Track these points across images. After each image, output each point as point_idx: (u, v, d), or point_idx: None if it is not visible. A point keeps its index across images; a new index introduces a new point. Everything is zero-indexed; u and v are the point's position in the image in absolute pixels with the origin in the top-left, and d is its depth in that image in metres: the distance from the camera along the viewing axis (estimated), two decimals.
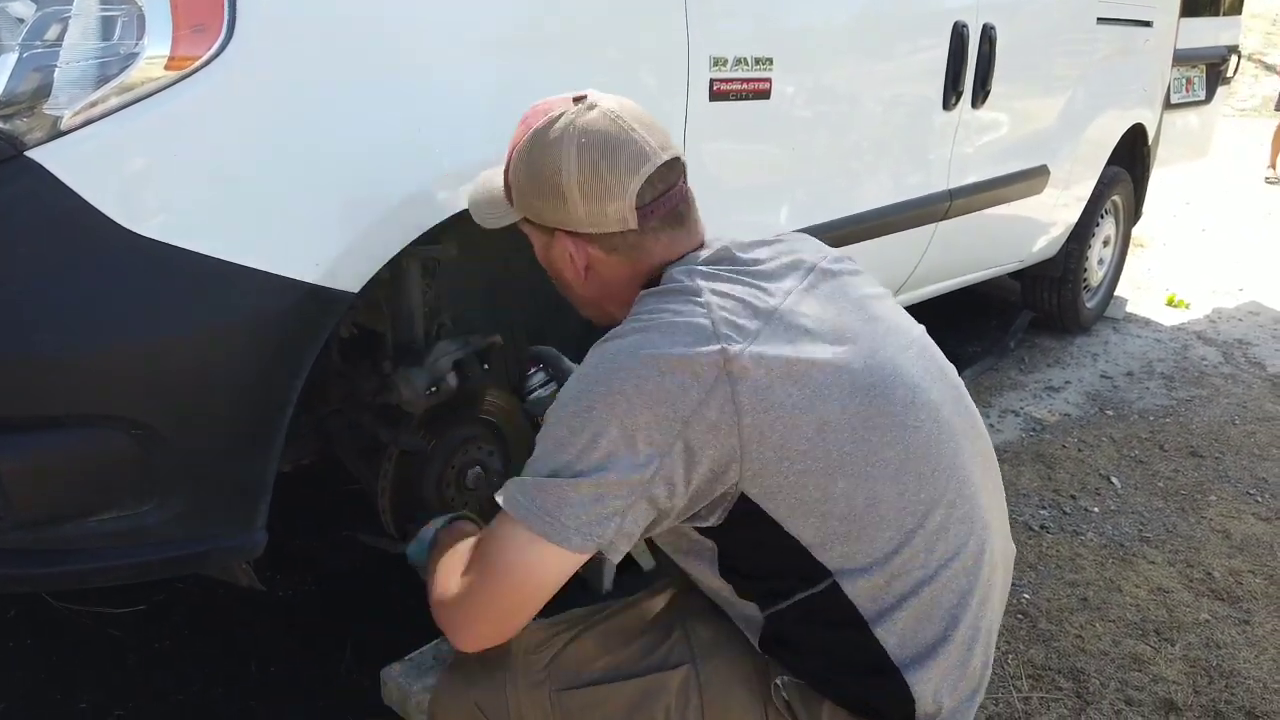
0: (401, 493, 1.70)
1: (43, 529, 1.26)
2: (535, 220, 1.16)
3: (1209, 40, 4.36)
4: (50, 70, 1.16)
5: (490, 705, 1.15)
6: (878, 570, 1.03)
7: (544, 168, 1.10)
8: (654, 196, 1.10)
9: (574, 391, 1.02)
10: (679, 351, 0.99)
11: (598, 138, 1.09)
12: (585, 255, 1.15)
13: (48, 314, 1.17)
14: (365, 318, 1.78)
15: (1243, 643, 2.09)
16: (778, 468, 1.00)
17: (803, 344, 1.04)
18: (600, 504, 0.98)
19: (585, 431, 0.99)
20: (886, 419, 1.05)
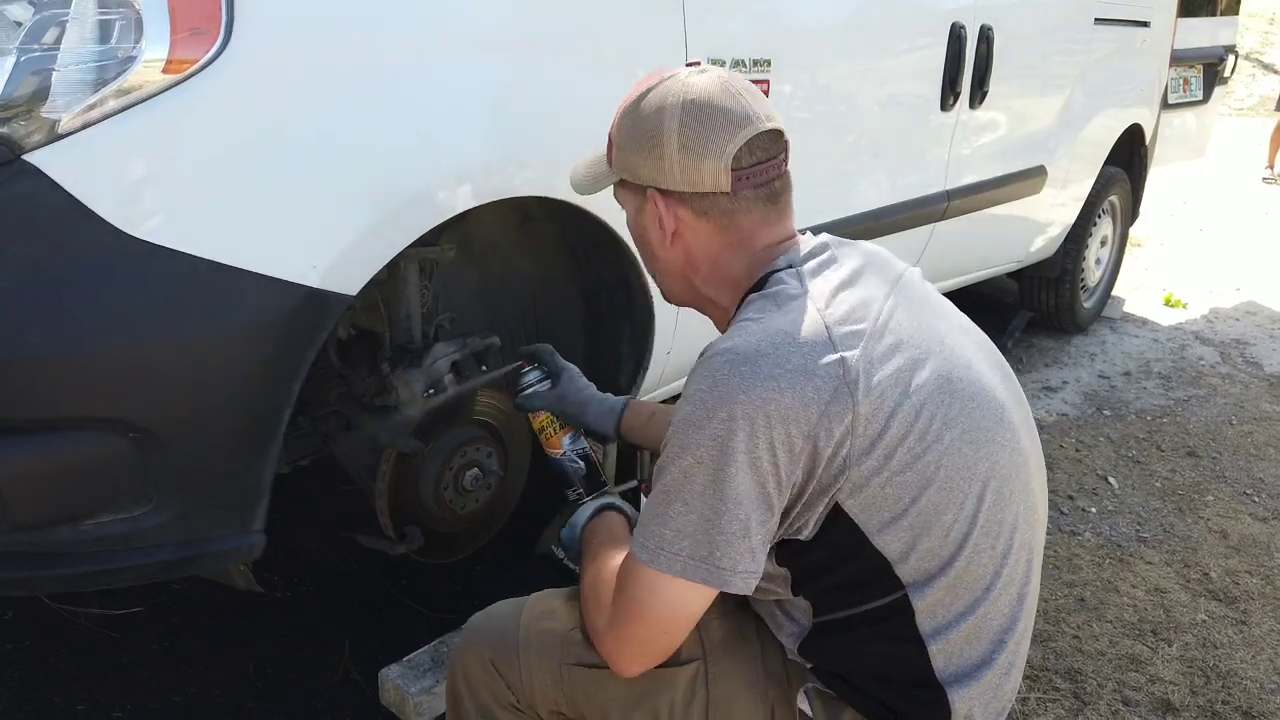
0: (399, 494, 1.70)
1: (40, 532, 1.26)
2: (631, 178, 1.14)
3: (1206, 40, 4.36)
4: (48, 73, 1.16)
5: (504, 664, 1.16)
6: (945, 584, 1.02)
7: (647, 120, 1.10)
8: (751, 163, 1.09)
9: (694, 415, 0.97)
10: (798, 363, 0.96)
11: (704, 96, 1.08)
12: (674, 218, 1.12)
13: (45, 317, 1.17)
14: (363, 319, 1.78)
15: (1240, 643, 2.10)
16: (879, 479, 0.99)
17: (907, 350, 1.02)
18: (746, 538, 0.97)
19: (713, 461, 0.96)
20: (979, 433, 1.04)
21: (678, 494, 0.98)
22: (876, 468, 0.98)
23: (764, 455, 0.95)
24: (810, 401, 0.95)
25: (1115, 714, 1.86)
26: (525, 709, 1.17)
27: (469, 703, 1.19)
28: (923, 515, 1.01)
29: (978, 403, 1.05)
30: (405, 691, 1.64)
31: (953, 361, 1.06)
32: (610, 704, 1.13)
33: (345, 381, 1.76)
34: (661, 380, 2.03)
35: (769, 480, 0.96)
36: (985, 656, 1.06)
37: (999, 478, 1.05)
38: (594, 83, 1.66)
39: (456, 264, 1.81)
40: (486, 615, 1.23)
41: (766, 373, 0.96)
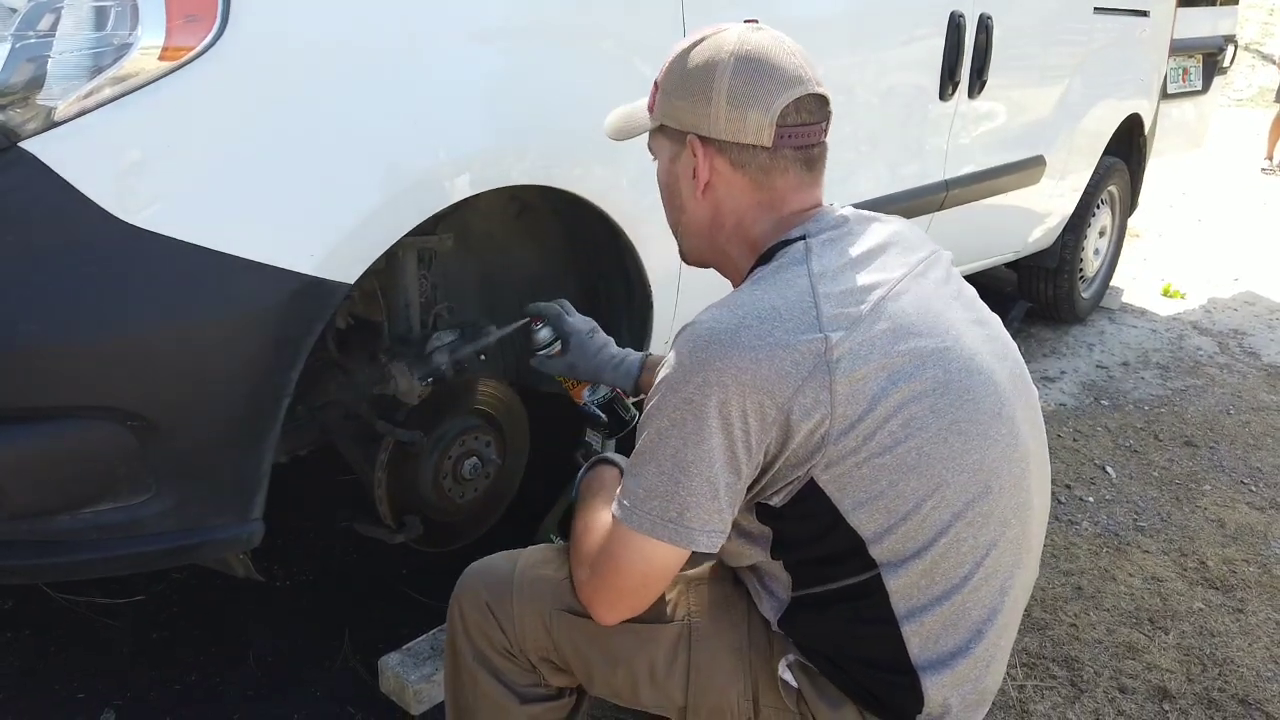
0: (397, 483, 1.70)
1: (39, 520, 1.26)
2: (673, 124, 1.14)
3: (1206, 30, 4.35)
4: (44, 61, 1.15)
5: (498, 607, 1.18)
6: (920, 568, 1.03)
7: (700, 65, 1.10)
8: (797, 122, 1.09)
9: (672, 378, 1.00)
10: (779, 338, 0.97)
11: (759, 50, 1.09)
12: (710, 168, 1.12)
13: (42, 305, 1.17)
14: (361, 308, 1.78)
15: (1236, 631, 2.10)
16: (855, 459, 0.99)
17: (904, 337, 1.02)
18: (714, 499, 0.99)
19: (687, 424, 0.98)
20: (971, 425, 1.04)
21: (652, 454, 1.01)
22: (854, 448, 0.99)
23: (735, 421, 0.97)
24: (787, 375, 0.97)
25: (1112, 701, 1.87)
26: (518, 654, 1.19)
27: (466, 648, 1.21)
28: (900, 499, 1.01)
29: (973, 395, 1.05)
30: (405, 679, 1.65)
31: (954, 353, 1.05)
32: (594, 656, 1.15)
33: (344, 371, 1.76)
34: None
35: (739, 445, 0.98)
36: (962, 645, 1.05)
37: (987, 471, 1.05)
38: (592, 72, 1.65)
39: (455, 253, 1.80)
40: (483, 561, 1.26)
41: (746, 343, 0.97)
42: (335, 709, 1.75)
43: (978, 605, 1.06)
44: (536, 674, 1.20)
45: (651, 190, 1.77)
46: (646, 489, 1.01)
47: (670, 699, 1.14)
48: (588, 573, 1.10)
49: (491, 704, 1.20)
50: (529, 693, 1.20)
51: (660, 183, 1.21)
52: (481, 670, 1.20)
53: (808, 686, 1.10)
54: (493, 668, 1.19)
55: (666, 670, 1.13)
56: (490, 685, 1.19)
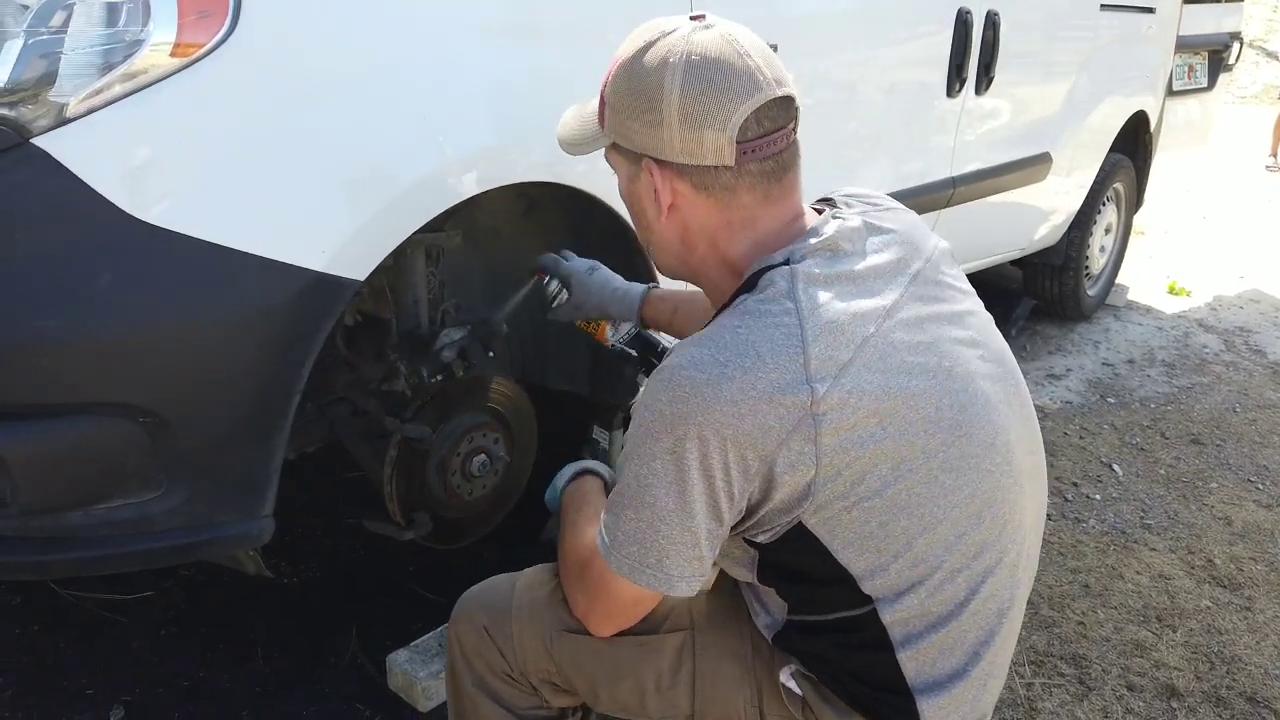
0: (406, 480, 1.70)
1: (50, 516, 1.27)
2: (624, 144, 1.05)
3: (1211, 27, 4.34)
4: (55, 57, 1.16)
5: (497, 631, 1.18)
6: (915, 602, 1.01)
7: (645, 84, 1.00)
8: (758, 134, 0.99)
9: (654, 427, 0.95)
10: (762, 389, 0.92)
11: (709, 59, 0.98)
12: (671, 191, 1.03)
13: (54, 302, 1.17)
14: (370, 305, 1.78)
15: (1244, 629, 2.10)
16: (844, 504, 0.96)
17: (895, 377, 0.97)
18: (695, 547, 0.98)
19: (668, 475, 0.95)
20: (963, 461, 1.01)
21: (633, 500, 0.98)
22: (842, 493, 0.96)
23: (717, 473, 0.94)
24: (770, 430, 0.92)
25: (1120, 699, 1.86)
26: (518, 678, 1.18)
27: (465, 673, 1.20)
28: (890, 539, 0.99)
29: (965, 430, 1.01)
30: (413, 676, 1.65)
31: (946, 387, 1.00)
32: (597, 671, 1.14)
33: (352, 368, 1.76)
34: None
35: (720, 495, 0.95)
36: (959, 669, 1.04)
37: (980, 502, 1.02)
38: (599, 68, 1.65)
39: (463, 250, 1.80)
40: (481, 586, 1.25)
41: (729, 396, 0.92)
42: (343, 706, 1.75)
43: (975, 629, 1.04)
44: (538, 696, 1.19)
45: None
46: (626, 534, 0.99)
47: (677, 708, 1.14)
48: (577, 592, 1.11)
49: None
50: (530, 715, 1.19)
51: (624, 201, 1.12)
52: (481, 695, 1.19)
53: (812, 694, 1.09)
54: (492, 692, 1.19)
55: (671, 680, 1.12)
56: (490, 709, 1.19)
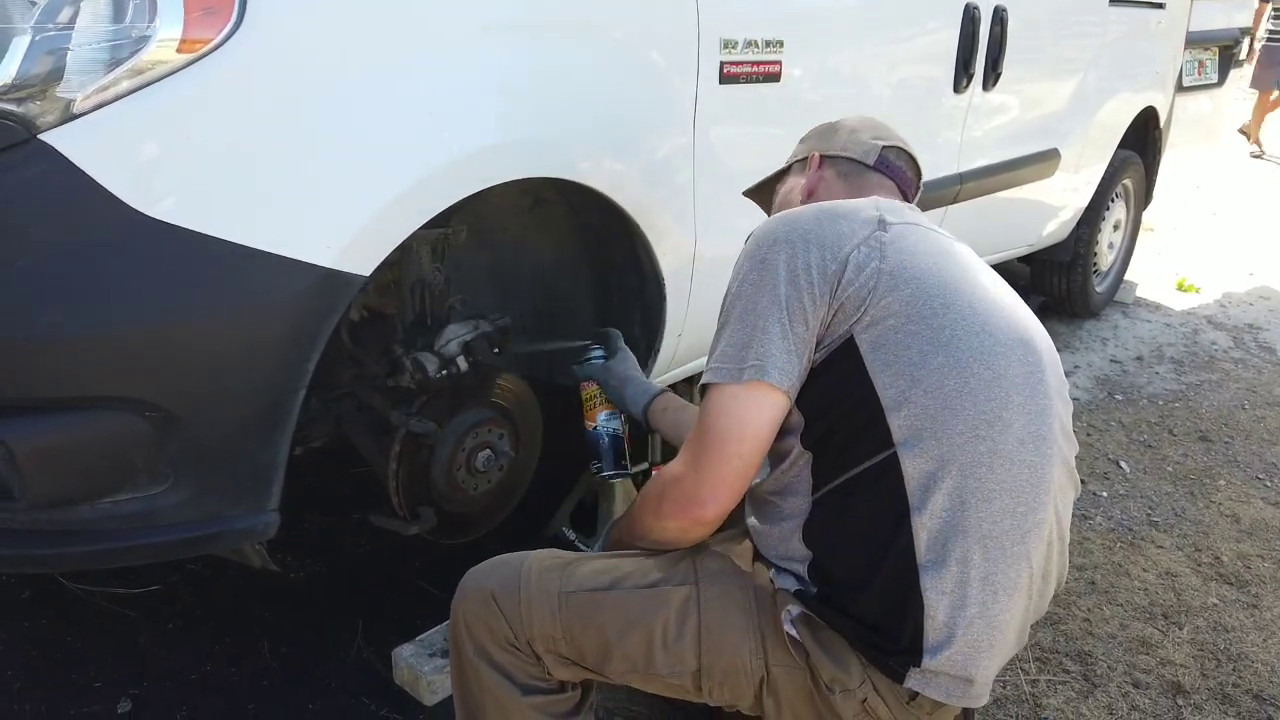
0: (411, 475, 1.71)
1: (57, 510, 1.27)
2: (799, 155, 1.44)
3: (1221, 22, 4.32)
4: (62, 53, 1.16)
5: (503, 596, 1.20)
6: (934, 453, 1.07)
7: (833, 122, 1.44)
8: (894, 162, 1.37)
9: (746, 252, 1.16)
10: (840, 212, 1.16)
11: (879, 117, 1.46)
12: (819, 176, 1.38)
13: (61, 296, 1.18)
14: (376, 300, 1.79)
15: (1250, 626, 2.09)
16: (894, 321, 1.09)
17: (946, 260, 1.16)
18: (785, 339, 1.11)
19: (759, 279, 1.12)
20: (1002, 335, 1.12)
21: (731, 314, 1.14)
22: (894, 310, 1.09)
23: (801, 272, 1.11)
24: (845, 235, 1.13)
25: (1125, 696, 1.86)
26: (522, 647, 1.20)
27: (466, 642, 1.22)
28: (924, 370, 1.08)
29: (1004, 318, 1.14)
30: (418, 670, 1.66)
31: (995, 288, 1.18)
32: (607, 625, 1.16)
33: (358, 363, 1.77)
34: (674, 362, 2.03)
35: (805, 293, 1.10)
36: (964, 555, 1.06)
37: (1009, 383, 1.09)
38: (605, 64, 1.65)
39: (468, 246, 1.81)
40: (489, 561, 1.29)
41: (811, 215, 1.16)
42: (349, 700, 1.76)
43: (982, 508, 1.07)
44: (540, 666, 1.21)
45: (663, 182, 1.77)
46: (730, 343, 1.13)
47: (684, 662, 1.16)
48: (684, 467, 1.15)
49: (494, 697, 1.21)
50: (531, 685, 1.21)
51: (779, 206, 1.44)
52: (482, 663, 1.21)
53: (810, 640, 1.12)
54: (493, 661, 1.21)
55: (678, 632, 1.15)
56: (491, 678, 1.21)
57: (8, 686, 1.74)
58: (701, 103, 1.79)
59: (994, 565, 1.08)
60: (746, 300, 1.13)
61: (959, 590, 1.07)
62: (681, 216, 1.83)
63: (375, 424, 1.77)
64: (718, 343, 1.15)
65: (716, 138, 1.85)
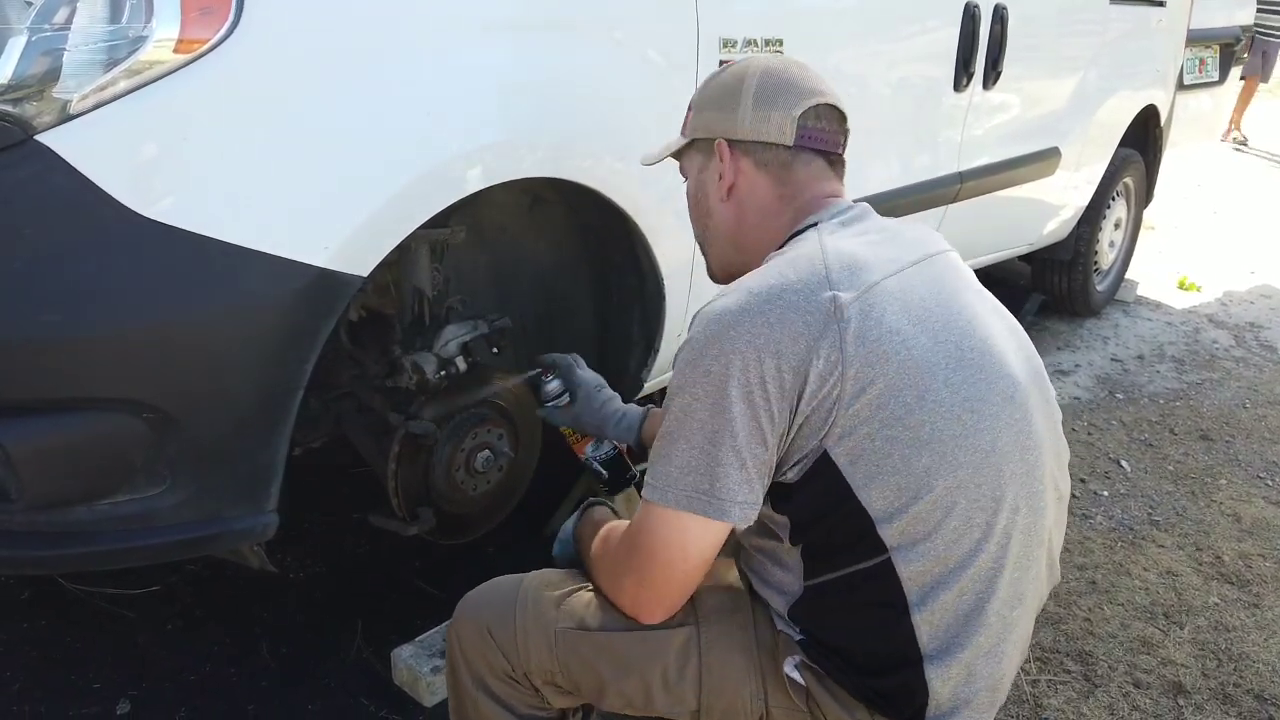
0: (410, 476, 1.71)
1: (55, 511, 1.27)
2: (703, 133, 1.23)
3: (1222, 20, 4.31)
4: (59, 53, 1.16)
5: (499, 631, 1.18)
6: (931, 550, 1.02)
7: (728, 79, 1.21)
8: (816, 126, 1.17)
9: (690, 355, 1.03)
10: (789, 300, 1.00)
11: (783, 67, 1.20)
12: (735, 169, 1.19)
13: (58, 297, 1.17)
14: (374, 301, 1.79)
15: (1252, 626, 2.09)
16: (868, 429, 1.00)
17: (916, 308, 1.04)
18: (743, 469, 1.01)
19: (710, 397, 1.00)
20: (984, 405, 1.04)
21: (679, 431, 1.03)
22: (866, 416, 0.99)
23: (755, 389, 0.99)
24: (799, 335, 0.99)
25: (1126, 696, 1.86)
26: (520, 679, 1.18)
27: (465, 673, 1.21)
28: (911, 477, 1.01)
29: (987, 375, 1.05)
30: (417, 671, 1.65)
31: (968, 331, 1.06)
32: (604, 668, 1.14)
33: (357, 363, 1.77)
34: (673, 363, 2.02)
35: (761, 413, 0.99)
36: (968, 635, 1.05)
37: (1000, 454, 1.04)
38: (605, 63, 1.65)
39: (467, 246, 1.81)
40: (483, 586, 1.25)
41: (757, 309, 1.00)
42: (348, 700, 1.76)
43: (986, 592, 1.05)
44: (539, 697, 1.19)
45: (662, 181, 1.77)
46: (679, 465, 1.02)
47: (684, 703, 1.13)
48: (625, 571, 1.10)
49: None
50: (530, 715, 1.20)
51: (690, 200, 1.27)
52: (482, 695, 1.19)
53: (815, 685, 1.09)
54: (492, 692, 1.19)
55: (678, 676, 1.12)
56: (490, 708, 1.19)
57: (7, 687, 1.74)
58: None
59: (998, 636, 1.07)
60: (698, 421, 1.01)
61: (965, 672, 1.05)
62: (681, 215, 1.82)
63: (375, 424, 1.76)
64: (665, 454, 1.03)
65: None
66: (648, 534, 1.06)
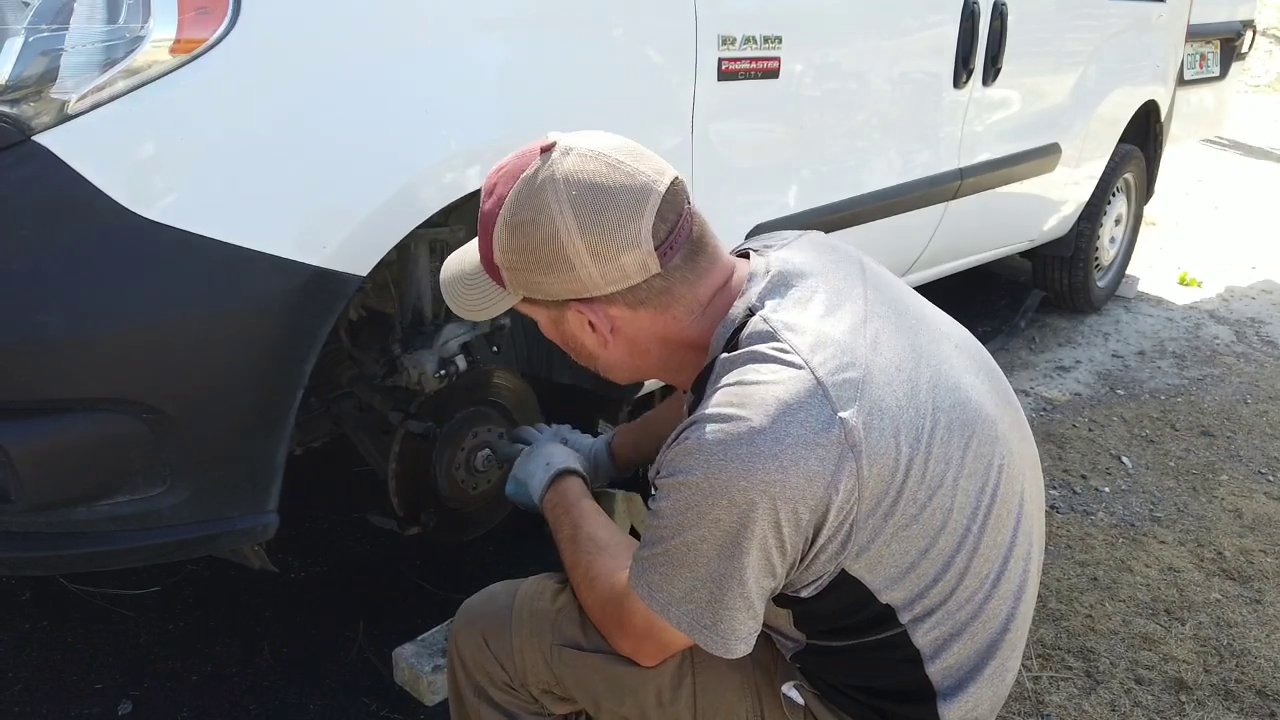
0: (410, 475, 1.70)
1: (56, 512, 1.27)
2: (540, 295, 1.01)
3: (1223, 15, 4.30)
4: (57, 54, 1.16)
5: (496, 642, 1.17)
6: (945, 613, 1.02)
7: (536, 237, 0.96)
8: (669, 231, 0.97)
9: (695, 499, 0.92)
10: (798, 434, 0.90)
11: (588, 185, 0.95)
12: (608, 319, 1.01)
13: (57, 298, 1.17)
14: (374, 300, 1.78)
15: (1254, 622, 2.09)
16: (884, 537, 0.95)
17: (901, 387, 0.97)
18: (749, 608, 0.96)
19: (718, 542, 0.92)
20: (977, 463, 1.02)
21: (684, 564, 0.95)
22: (880, 526, 0.95)
23: (770, 535, 0.92)
24: (815, 476, 0.90)
25: (1128, 693, 1.86)
26: (518, 688, 1.18)
27: (465, 683, 1.21)
28: (931, 564, 0.99)
29: (974, 429, 1.02)
30: (419, 670, 1.65)
31: (942, 384, 1.01)
32: (599, 689, 1.14)
33: (356, 363, 1.77)
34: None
35: (774, 552, 0.93)
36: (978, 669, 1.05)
37: (1000, 502, 1.04)
38: (604, 60, 1.65)
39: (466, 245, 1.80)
40: (480, 595, 1.24)
41: (767, 451, 0.89)
42: (349, 700, 1.76)
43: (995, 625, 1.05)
44: (539, 704, 1.19)
45: None
46: (683, 593, 0.96)
47: None
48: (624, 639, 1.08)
49: None
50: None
51: (552, 338, 1.09)
52: (482, 703, 1.20)
53: (816, 704, 1.09)
54: (492, 701, 1.19)
55: (673, 695, 1.12)
56: (492, 716, 1.19)
57: (9, 688, 1.74)
58: (700, 100, 1.78)
59: (1004, 660, 1.07)
60: (704, 560, 0.93)
61: (974, 699, 1.05)
62: None
63: (375, 424, 1.76)
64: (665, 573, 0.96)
65: (715, 134, 1.84)
66: (645, 624, 1.02)
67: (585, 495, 1.25)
